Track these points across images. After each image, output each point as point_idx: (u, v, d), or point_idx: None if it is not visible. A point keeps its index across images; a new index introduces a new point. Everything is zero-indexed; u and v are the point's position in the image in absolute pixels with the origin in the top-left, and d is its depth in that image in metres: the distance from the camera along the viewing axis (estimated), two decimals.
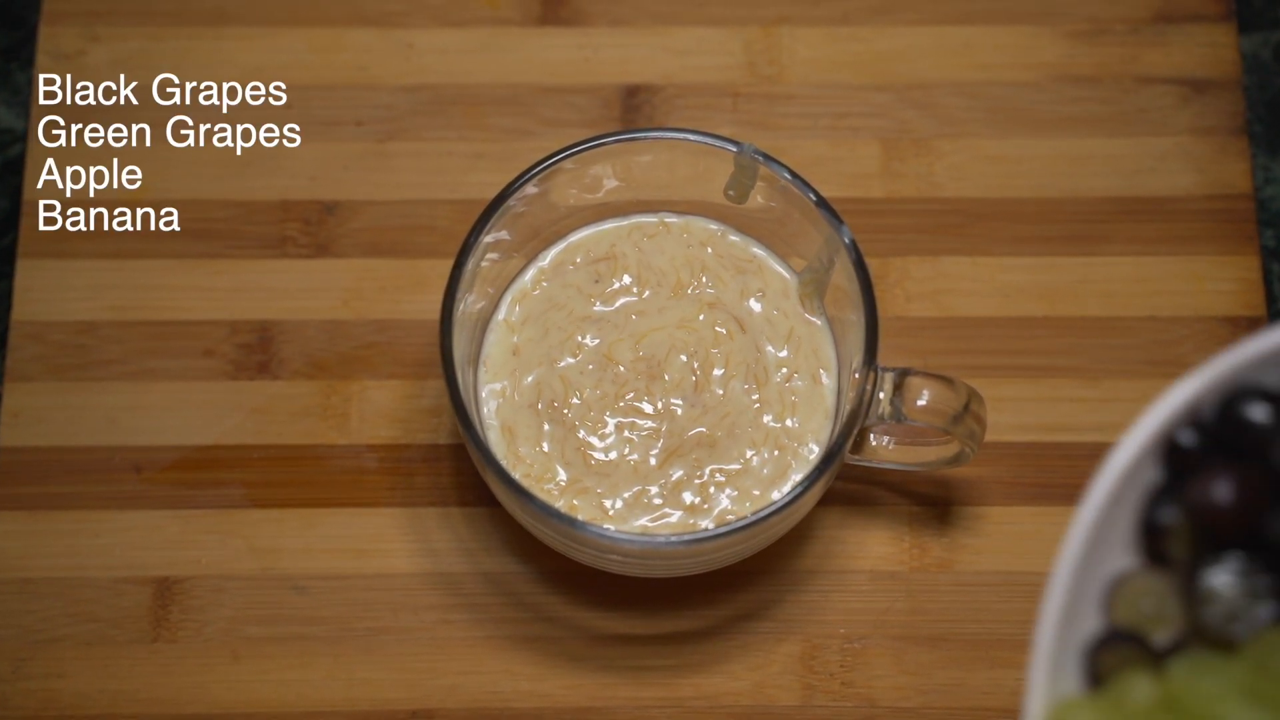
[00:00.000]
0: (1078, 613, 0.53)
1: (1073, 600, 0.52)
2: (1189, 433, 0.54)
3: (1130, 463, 0.54)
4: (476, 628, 0.80)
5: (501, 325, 0.80)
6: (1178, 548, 0.53)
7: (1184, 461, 0.54)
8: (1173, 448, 0.54)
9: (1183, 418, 0.55)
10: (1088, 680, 0.53)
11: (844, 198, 0.86)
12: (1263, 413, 0.54)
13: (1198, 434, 0.54)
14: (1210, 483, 0.53)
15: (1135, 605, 0.53)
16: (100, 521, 0.82)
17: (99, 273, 0.86)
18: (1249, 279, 0.86)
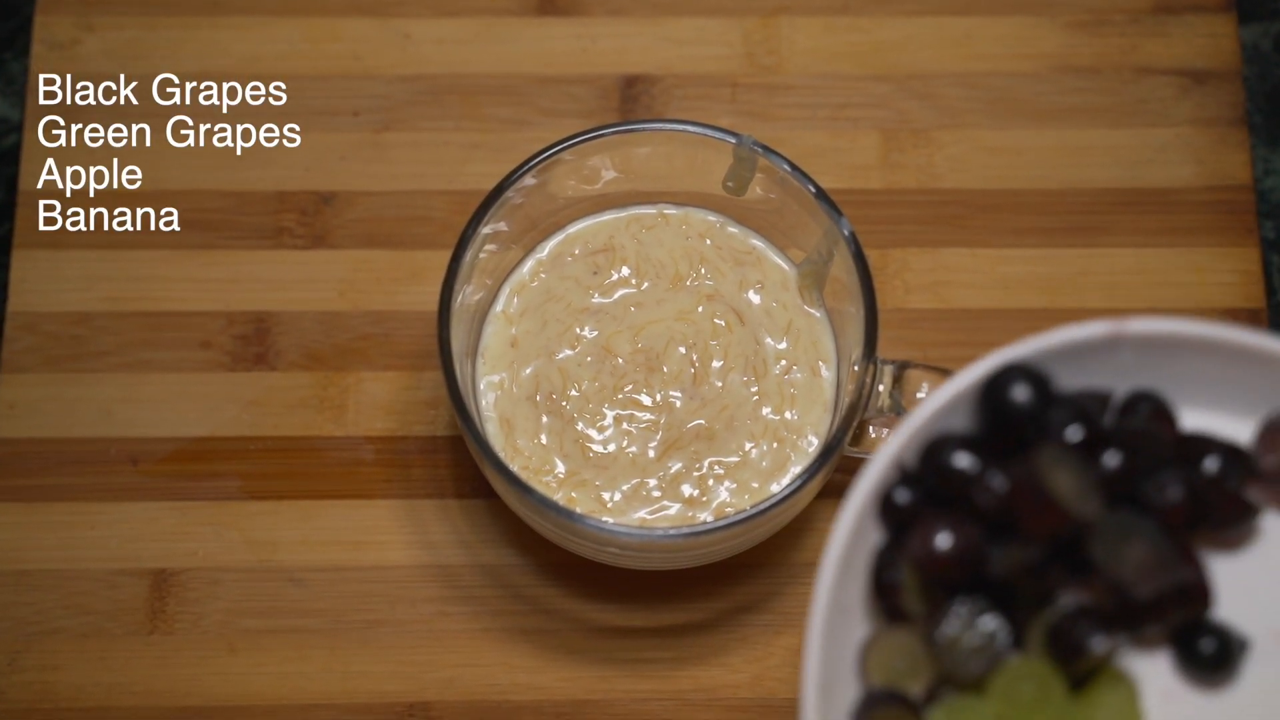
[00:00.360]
0: (836, 685, 0.54)
1: (828, 674, 0.54)
2: (903, 490, 0.56)
3: (851, 530, 0.55)
4: (474, 620, 0.80)
5: (499, 317, 0.80)
6: (911, 602, 0.55)
7: (902, 518, 0.56)
8: (890, 507, 0.56)
9: (895, 476, 0.56)
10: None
11: (843, 189, 0.85)
12: (958, 458, 0.56)
13: (910, 489, 0.56)
14: (925, 536, 0.55)
15: (887, 665, 0.55)
16: (96, 513, 0.82)
17: (94, 264, 0.86)
18: (1249, 271, 0.86)
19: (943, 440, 0.57)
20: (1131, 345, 0.58)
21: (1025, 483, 0.54)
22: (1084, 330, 0.58)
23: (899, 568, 0.55)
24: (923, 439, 0.57)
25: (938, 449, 0.56)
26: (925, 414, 0.56)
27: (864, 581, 0.56)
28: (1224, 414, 0.59)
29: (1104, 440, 0.56)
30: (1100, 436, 0.56)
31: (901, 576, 0.55)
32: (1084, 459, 0.55)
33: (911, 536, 0.55)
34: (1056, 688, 0.54)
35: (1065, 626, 0.54)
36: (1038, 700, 0.54)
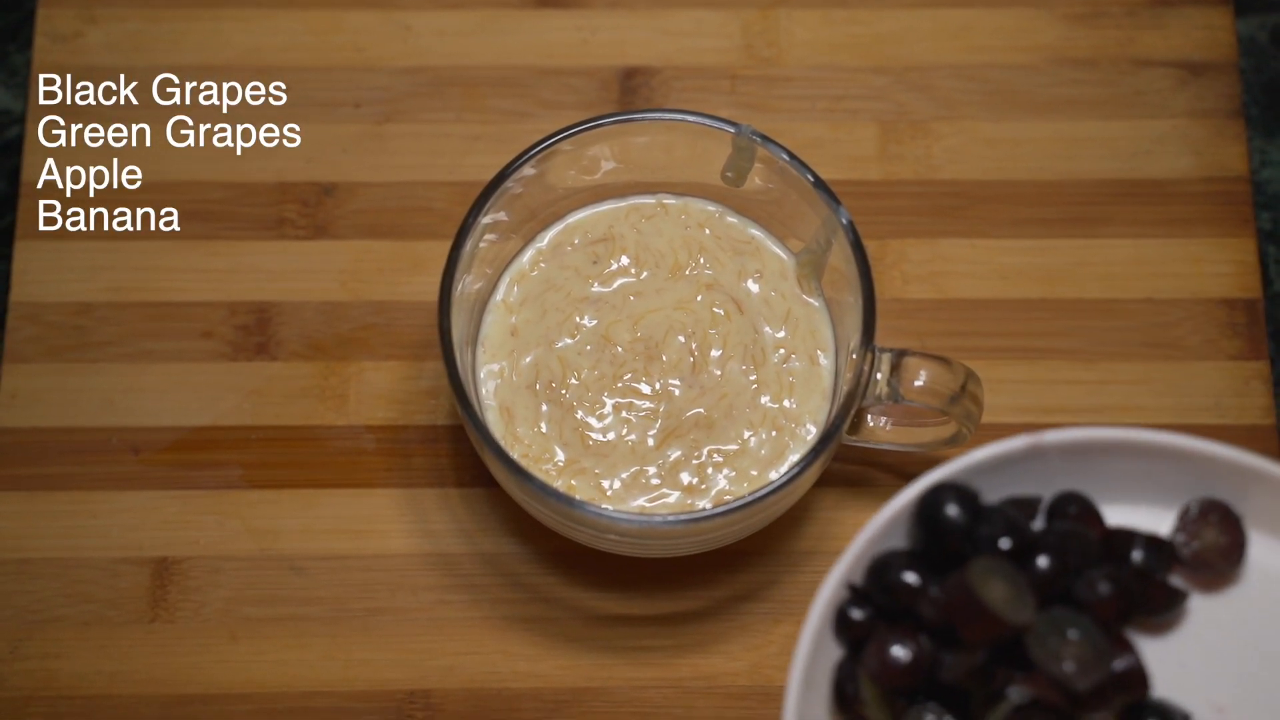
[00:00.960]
0: None
1: None
2: (855, 607, 0.60)
3: (811, 648, 0.59)
4: (474, 608, 0.81)
5: (500, 306, 0.80)
6: (873, 712, 0.59)
7: (857, 633, 0.60)
8: (845, 623, 0.60)
9: (847, 594, 0.60)
10: None
11: (841, 180, 0.86)
12: (902, 575, 0.60)
13: (861, 606, 0.60)
14: (880, 649, 0.59)
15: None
16: (98, 502, 0.82)
17: (97, 254, 0.86)
18: (1245, 261, 0.86)
19: (886, 559, 0.60)
20: (1052, 453, 0.62)
21: (960, 596, 0.58)
22: (1005, 445, 0.62)
23: (858, 681, 0.59)
24: (869, 559, 0.61)
25: (882, 568, 0.60)
26: (868, 535, 0.60)
27: (827, 695, 0.60)
28: (1145, 507, 0.63)
29: (1034, 545, 0.60)
30: (1030, 542, 0.60)
31: (861, 689, 0.59)
32: (1015, 567, 0.59)
33: (867, 651, 0.59)
34: None
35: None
36: None
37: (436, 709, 0.79)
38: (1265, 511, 0.62)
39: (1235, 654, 0.60)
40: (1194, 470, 0.62)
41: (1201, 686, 0.60)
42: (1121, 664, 0.59)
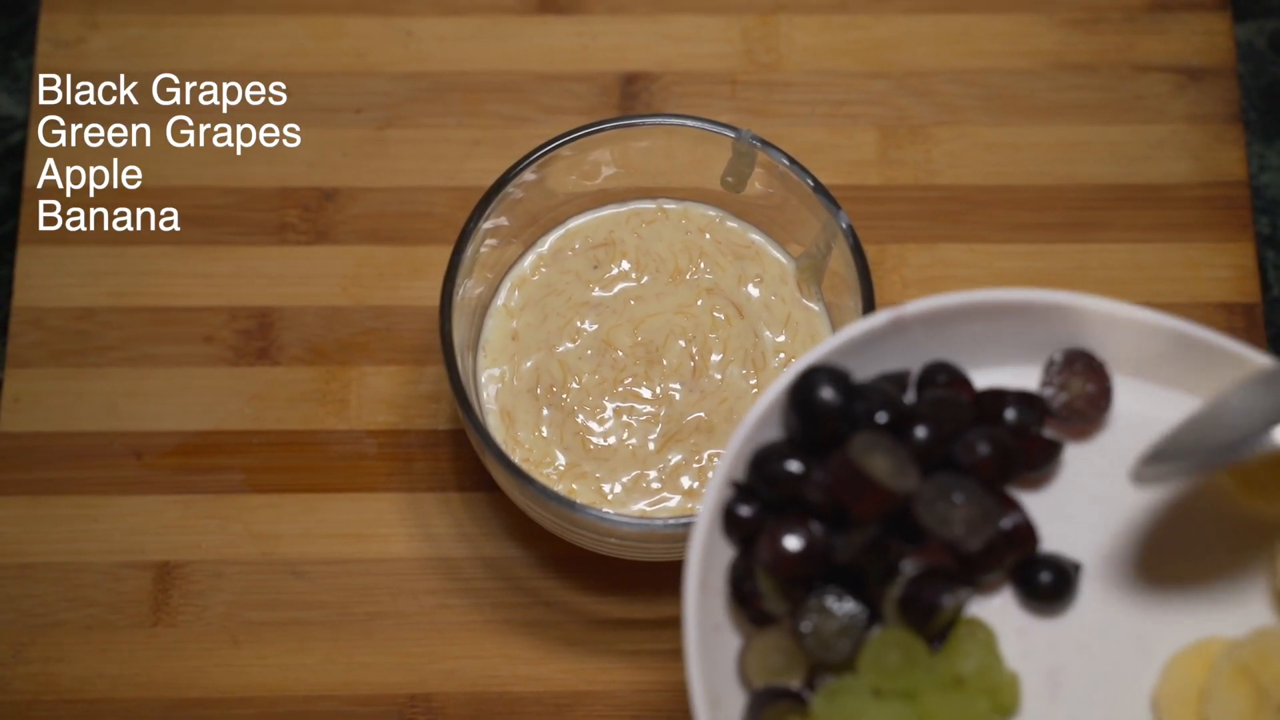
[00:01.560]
0: (723, 697, 0.58)
1: (713, 689, 0.57)
2: (743, 505, 0.60)
3: (702, 553, 0.59)
4: (475, 612, 0.81)
5: (500, 311, 0.80)
6: (773, 604, 0.59)
7: (747, 530, 0.60)
8: (734, 522, 0.60)
9: (732, 493, 0.60)
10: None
11: (841, 185, 0.86)
12: (784, 464, 0.59)
13: (749, 503, 0.60)
14: (771, 542, 0.58)
15: (764, 667, 0.59)
16: (100, 506, 0.82)
17: (99, 259, 0.86)
18: (1244, 265, 0.86)
19: (766, 451, 0.60)
20: (915, 325, 0.62)
21: (845, 473, 0.57)
22: (869, 323, 0.62)
23: (754, 576, 0.59)
24: (749, 453, 0.60)
25: (763, 460, 0.60)
26: (745, 430, 0.60)
27: (725, 596, 0.60)
28: (1012, 367, 0.64)
29: (909, 417, 0.60)
30: (905, 414, 0.60)
31: (758, 584, 0.59)
32: (894, 439, 0.59)
33: (759, 544, 0.59)
34: (919, 649, 0.58)
35: (913, 592, 0.58)
36: (905, 664, 0.58)
37: (438, 713, 0.79)
38: (1127, 355, 0.63)
39: (1116, 499, 0.61)
40: (1053, 324, 0.63)
41: (1087, 535, 0.61)
42: (1009, 521, 0.60)
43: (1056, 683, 0.59)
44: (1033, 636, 0.60)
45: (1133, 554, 0.61)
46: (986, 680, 0.58)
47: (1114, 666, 0.59)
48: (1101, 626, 0.60)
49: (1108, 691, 0.59)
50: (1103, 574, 0.61)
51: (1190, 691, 0.58)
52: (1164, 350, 0.63)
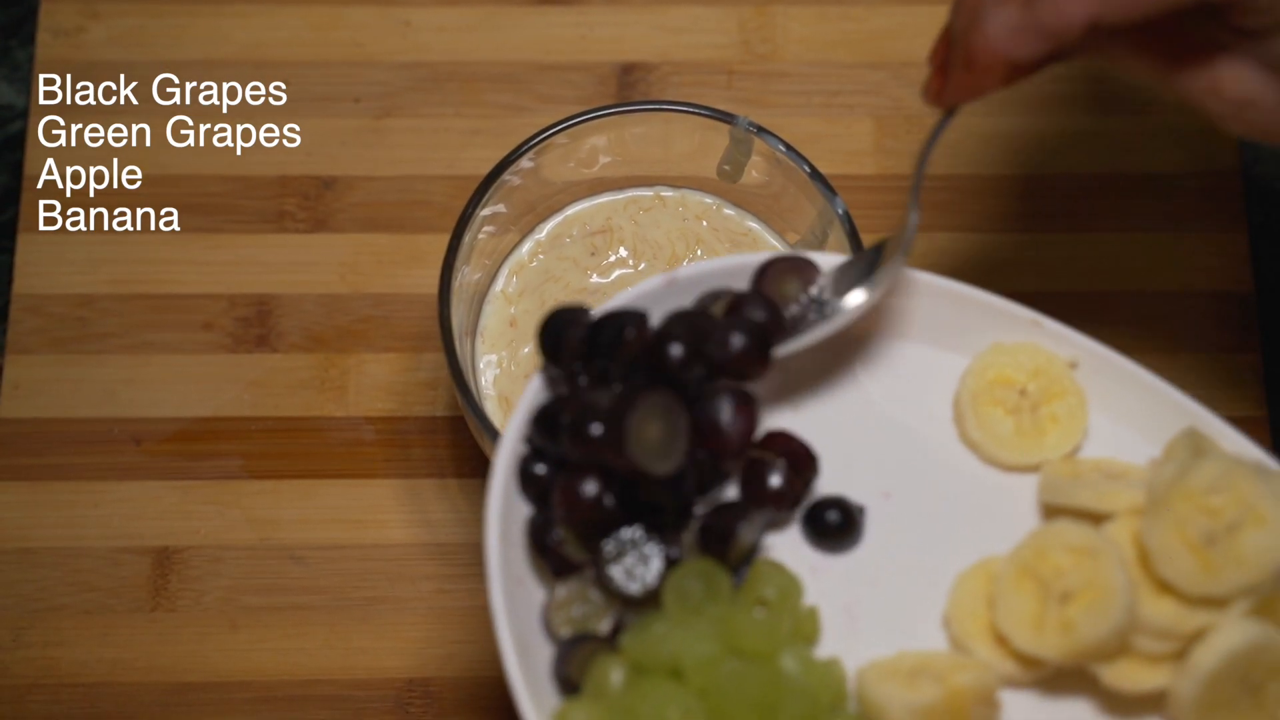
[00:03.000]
0: (532, 650, 0.59)
1: (522, 642, 0.59)
2: (537, 462, 0.61)
3: (501, 510, 0.60)
4: (473, 597, 0.81)
5: (499, 297, 0.81)
6: (574, 552, 0.60)
7: (542, 486, 0.61)
8: (529, 479, 0.61)
9: (526, 450, 0.61)
10: (570, 693, 0.60)
11: (837, 174, 0.86)
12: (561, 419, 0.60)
13: (542, 460, 0.61)
14: (564, 492, 0.59)
15: (569, 617, 0.60)
16: (99, 492, 0.83)
17: (98, 247, 0.87)
18: (1237, 255, 0.87)
19: (547, 407, 0.61)
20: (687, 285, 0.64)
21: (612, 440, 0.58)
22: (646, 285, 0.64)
23: (553, 528, 0.60)
24: (532, 413, 0.62)
25: (544, 416, 0.61)
26: (532, 389, 0.62)
27: (525, 551, 0.61)
28: None
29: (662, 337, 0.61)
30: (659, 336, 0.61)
31: (557, 534, 0.60)
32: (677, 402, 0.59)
33: (553, 498, 0.60)
34: (721, 580, 0.60)
35: (710, 523, 0.61)
36: (707, 595, 0.59)
37: (435, 697, 0.80)
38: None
39: (885, 441, 0.65)
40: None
41: (868, 477, 0.64)
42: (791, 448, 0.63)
43: (853, 616, 0.62)
44: (825, 575, 0.63)
45: (911, 491, 0.64)
46: (788, 603, 0.60)
47: (904, 595, 0.63)
48: (889, 560, 0.63)
49: (901, 619, 0.62)
50: (884, 513, 0.64)
51: (978, 604, 0.61)
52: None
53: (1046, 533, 0.60)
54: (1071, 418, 0.64)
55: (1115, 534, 0.60)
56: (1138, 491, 0.60)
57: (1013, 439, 0.64)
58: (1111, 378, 0.65)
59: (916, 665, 0.60)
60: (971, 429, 0.64)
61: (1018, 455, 0.64)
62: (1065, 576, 0.59)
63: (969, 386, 0.65)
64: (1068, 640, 0.58)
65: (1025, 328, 0.65)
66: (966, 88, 0.63)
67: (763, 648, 0.59)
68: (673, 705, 0.57)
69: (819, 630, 0.61)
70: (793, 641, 0.60)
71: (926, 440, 0.65)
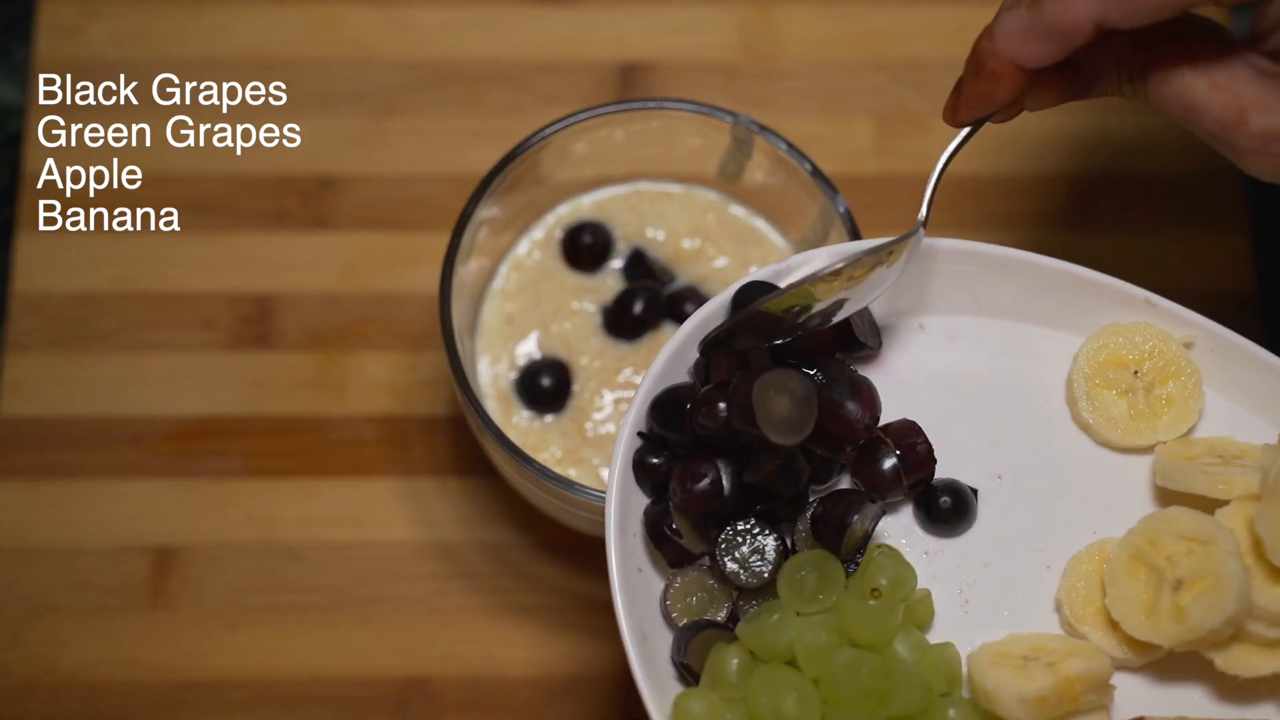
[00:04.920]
0: (652, 637, 0.60)
1: (637, 628, 0.60)
2: (651, 454, 0.62)
3: (619, 501, 0.61)
4: (473, 596, 0.81)
5: (497, 294, 0.81)
6: (691, 543, 0.61)
7: (658, 477, 0.62)
8: (645, 469, 0.62)
9: (641, 443, 0.62)
10: (688, 680, 0.61)
11: (838, 174, 0.86)
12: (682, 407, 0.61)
13: (656, 452, 0.62)
14: (681, 483, 0.60)
15: (687, 605, 0.61)
16: (99, 491, 0.83)
17: (98, 246, 0.87)
18: (1239, 255, 0.87)
19: (664, 396, 0.62)
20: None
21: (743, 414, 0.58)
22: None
23: (669, 518, 0.61)
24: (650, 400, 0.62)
25: (661, 405, 0.62)
26: (649, 382, 0.62)
27: (644, 540, 0.62)
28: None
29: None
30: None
31: (674, 525, 0.61)
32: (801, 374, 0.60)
33: (671, 488, 0.61)
34: (835, 570, 0.61)
35: (821, 514, 0.61)
36: (821, 585, 0.60)
37: (435, 696, 0.80)
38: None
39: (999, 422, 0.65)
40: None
41: (983, 460, 0.64)
42: (913, 443, 0.63)
43: (966, 599, 0.63)
44: (940, 558, 0.63)
45: (1024, 473, 0.64)
46: (901, 592, 0.60)
47: (1018, 578, 0.63)
48: (1002, 543, 0.63)
49: (1014, 601, 0.62)
50: (995, 495, 0.64)
51: (1091, 588, 0.61)
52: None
53: (1159, 519, 0.60)
54: (1186, 399, 0.64)
55: (1229, 520, 0.59)
56: (1253, 476, 0.60)
57: (1127, 421, 0.64)
58: (1228, 356, 0.64)
59: (1029, 649, 0.60)
60: (1085, 411, 0.64)
61: (1132, 437, 0.64)
62: (1178, 564, 0.59)
63: (1082, 368, 0.65)
64: (1181, 627, 0.58)
65: (1139, 307, 0.65)
66: (979, 96, 0.63)
67: (876, 637, 0.60)
68: (788, 694, 0.59)
69: (933, 615, 0.62)
70: (906, 627, 0.61)
71: (1039, 421, 0.65)
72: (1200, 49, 0.59)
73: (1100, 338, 0.65)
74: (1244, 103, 0.59)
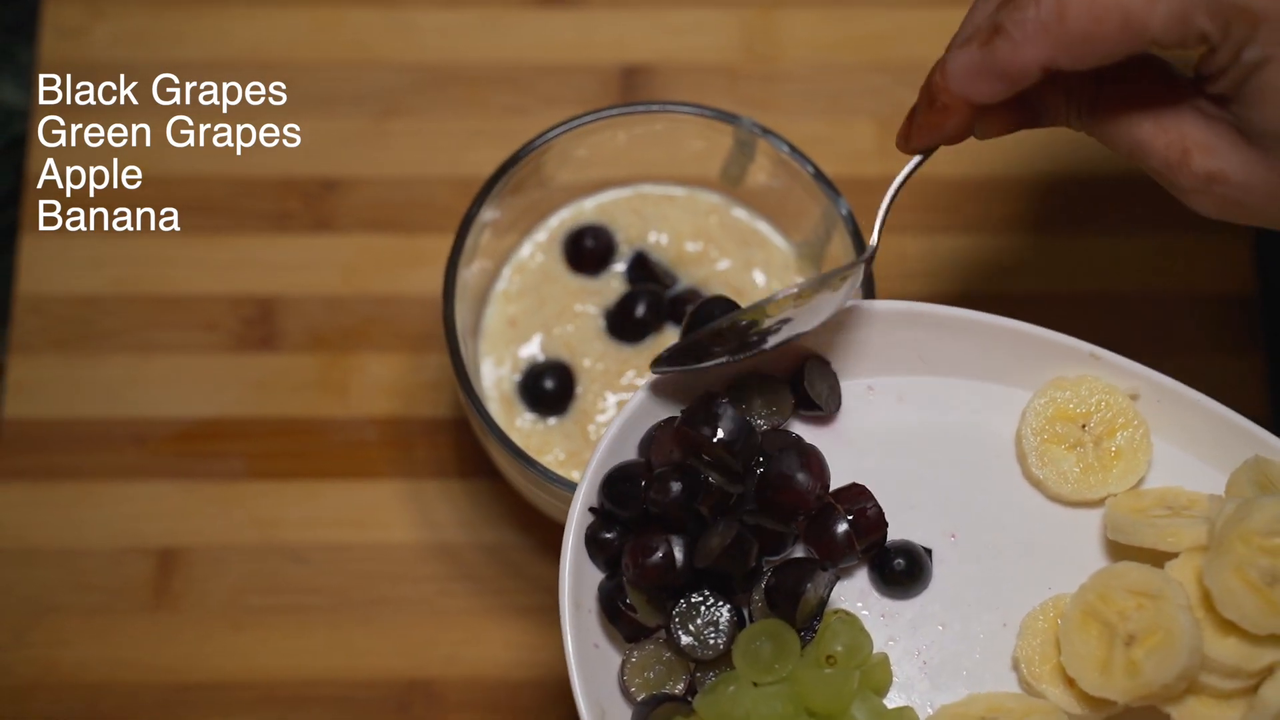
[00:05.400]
0: (606, 710, 0.60)
1: (595, 704, 0.60)
2: (604, 530, 0.62)
3: (572, 578, 0.61)
4: (475, 598, 0.81)
5: (500, 297, 0.81)
6: (646, 617, 0.61)
7: (611, 552, 0.62)
8: (598, 545, 0.62)
9: (593, 519, 0.62)
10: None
11: (840, 176, 0.86)
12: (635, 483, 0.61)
13: (609, 528, 0.62)
14: (633, 557, 0.60)
15: (645, 679, 0.61)
16: (102, 492, 0.83)
17: (101, 247, 0.87)
18: (1240, 257, 0.87)
19: (616, 472, 0.62)
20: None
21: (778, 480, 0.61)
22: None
23: (624, 593, 0.61)
24: (601, 478, 0.62)
25: (614, 481, 0.62)
26: (596, 460, 0.62)
27: (599, 616, 0.62)
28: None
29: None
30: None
31: (628, 600, 0.61)
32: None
33: (624, 563, 0.61)
34: (790, 639, 0.60)
35: (775, 584, 0.61)
36: (776, 654, 0.60)
37: (438, 698, 0.80)
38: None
39: (949, 481, 0.65)
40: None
41: (935, 520, 0.64)
42: (864, 508, 0.62)
43: (924, 660, 0.62)
44: (896, 620, 0.63)
45: (977, 530, 0.64)
46: (857, 658, 0.60)
47: (974, 637, 0.63)
48: (958, 602, 0.63)
49: (972, 661, 0.62)
50: (950, 554, 0.64)
51: (1048, 645, 0.61)
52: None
53: (1109, 574, 0.60)
54: (1135, 450, 0.64)
55: (1179, 573, 0.59)
56: (1201, 528, 0.60)
57: (1077, 476, 0.64)
58: (1175, 406, 0.64)
59: (986, 710, 0.60)
60: (1035, 466, 0.64)
61: (1083, 491, 0.64)
62: (1130, 619, 0.59)
63: (1030, 424, 0.64)
64: (1134, 683, 0.58)
65: (1083, 360, 0.65)
66: (929, 127, 0.64)
67: (832, 705, 0.60)
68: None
69: (890, 678, 0.62)
70: (864, 693, 0.60)
71: (991, 478, 0.65)
72: (1147, 89, 0.60)
73: (1046, 392, 0.65)
74: (1188, 144, 0.60)
